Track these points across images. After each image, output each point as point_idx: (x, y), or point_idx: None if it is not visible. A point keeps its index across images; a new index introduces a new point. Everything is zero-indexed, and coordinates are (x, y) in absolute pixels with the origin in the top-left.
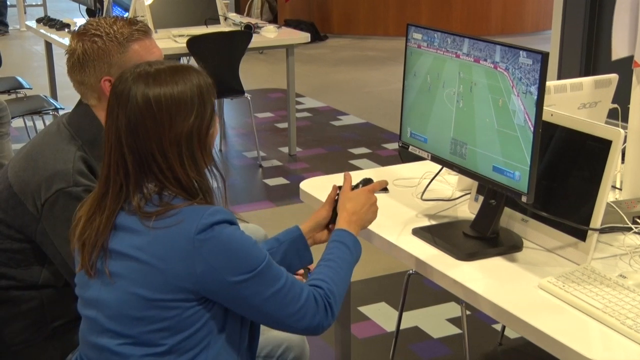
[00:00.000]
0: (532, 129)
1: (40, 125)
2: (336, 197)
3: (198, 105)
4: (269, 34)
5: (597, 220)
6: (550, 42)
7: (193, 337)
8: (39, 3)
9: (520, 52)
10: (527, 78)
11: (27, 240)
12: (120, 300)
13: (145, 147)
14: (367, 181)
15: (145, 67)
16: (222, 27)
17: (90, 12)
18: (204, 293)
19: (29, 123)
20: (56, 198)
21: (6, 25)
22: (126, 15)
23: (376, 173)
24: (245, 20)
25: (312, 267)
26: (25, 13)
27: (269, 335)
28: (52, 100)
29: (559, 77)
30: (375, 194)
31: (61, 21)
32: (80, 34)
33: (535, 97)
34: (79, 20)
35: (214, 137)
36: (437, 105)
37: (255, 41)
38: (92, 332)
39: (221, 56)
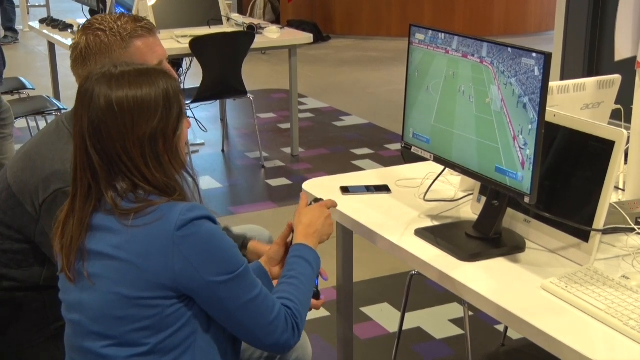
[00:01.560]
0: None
1: (43, 125)
2: (290, 238)
3: (163, 108)
4: (271, 34)
5: (600, 221)
6: (554, 42)
7: (175, 335)
8: (42, 4)
9: (523, 52)
10: (509, 71)
11: (26, 241)
12: (102, 301)
13: (110, 148)
14: (318, 200)
15: (110, 68)
16: (225, 28)
17: (93, 13)
18: (183, 290)
19: (32, 124)
20: (54, 198)
21: (16, 32)
22: None
23: (379, 174)
24: (248, 20)
25: None
26: (28, 14)
27: None
28: (55, 101)
29: (562, 78)
30: (378, 195)
31: (64, 22)
32: (84, 28)
33: (525, 97)
34: (82, 20)
35: (183, 140)
36: (438, 104)
37: (258, 42)
38: (77, 336)
39: (224, 57)
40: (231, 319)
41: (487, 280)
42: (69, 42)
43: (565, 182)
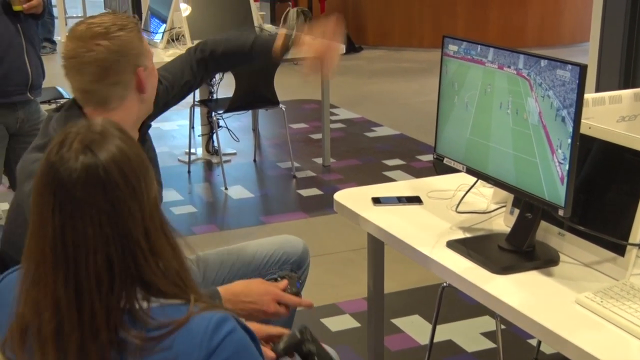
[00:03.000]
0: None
1: None
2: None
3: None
4: None
5: (636, 235)
6: (589, 54)
7: None
8: (79, 15)
9: (558, 64)
10: (547, 83)
11: None
12: None
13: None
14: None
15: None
16: None
17: None
18: None
19: None
20: None
21: (54, 42)
22: (163, 26)
23: (410, 185)
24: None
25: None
26: (66, 25)
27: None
28: None
29: (597, 90)
30: (410, 206)
31: None
32: (91, 38)
33: (563, 110)
34: None
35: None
36: (473, 115)
37: (291, 52)
38: None
39: (257, 67)
40: None
41: (520, 293)
42: None
43: (600, 195)
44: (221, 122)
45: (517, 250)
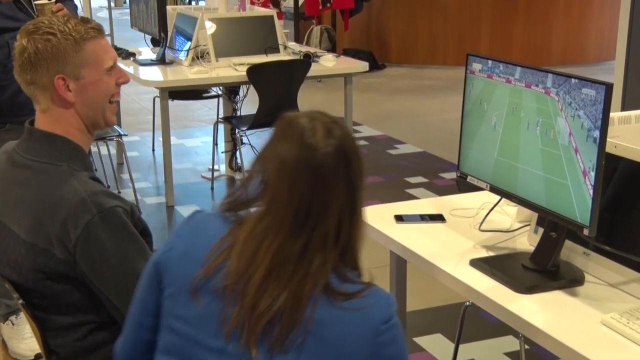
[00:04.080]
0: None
1: (104, 150)
2: None
3: None
4: (327, 62)
5: None
6: (614, 72)
7: None
8: (106, 33)
9: (583, 83)
10: (577, 103)
11: (75, 286)
12: None
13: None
14: None
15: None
16: (282, 56)
17: (155, 42)
18: None
19: (94, 149)
20: (87, 234)
21: None
22: (188, 44)
23: (433, 203)
24: (305, 49)
25: None
26: None
27: None
28: (116, 127)
29: (623, 109)
30: (433, 224)
31: (127, 50)
32: (30, 33)
33: (595, 131)
34: (144, 49)
35: None
36: (500, 134)
37: (314, 70)
38: None
39: (280, 84)
40: None
41: (544, 313)
42: (131, 70)
43: (626, 215)
44: (244, 139)
45: (542, 270)
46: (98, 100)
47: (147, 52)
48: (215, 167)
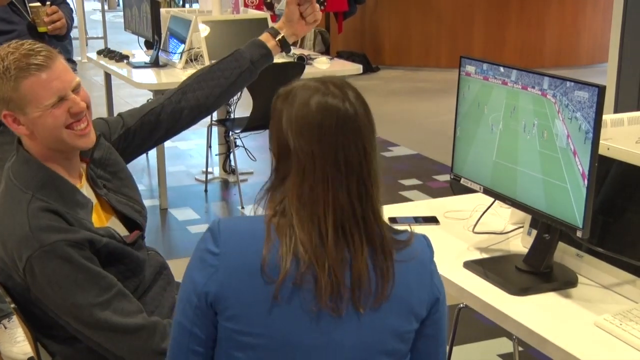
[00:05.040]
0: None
1: None
2: None
3: None
4: (321, 65)
5: None
6: (607, 75)
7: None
8: (99, 36)
9: (576, 85)
10: (574, 105)
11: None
12: (372, 339)
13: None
14: None
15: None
16: (276, 59)
17: (149, 44)
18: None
19: None
20: (30, 267)
21: (74, 62)
22: (182, 47)
23: (427, 205)
24: (298, 51)
25: None
26: (86, 45)
27: None
28: None
29: (616, 111)
30: (426, 226)
31: (120, 53)
32: None
33: (591, 131)
34: (138, 51)
35: None
36: (490, 135)
37: (308, 72)
38: None
39: (274, 87)
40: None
41: (537, 315)
42: (124, 72)
43: (619, 217)
44: (238, 142)
45: (535, 272)
46: (50, 132)
47: (140, 55)
48: (209, 169)
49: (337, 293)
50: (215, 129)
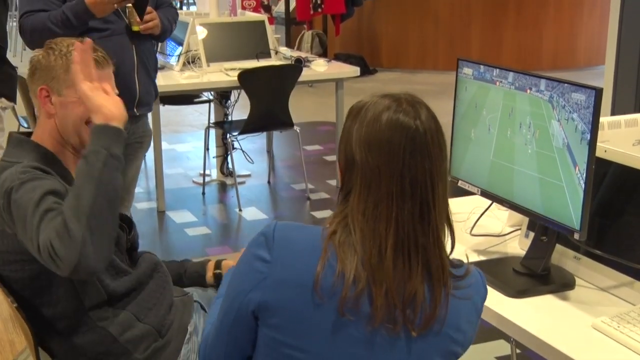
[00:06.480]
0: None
1: None
2: None
3: None
4: (318, 67)
5: None
6: (604, 77)
7: None
8: None
9: (573, 87)
10: (570, 106)
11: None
12: None
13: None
14: None
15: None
16: (273, 61)
17: None
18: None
19: None
20: (7, 198)
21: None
22: (179, 49)
23: None
24: (296, 54)
25: None
26: None
27: None
28: None
29: (613, 113)
30: None
31: None
32: (47, 44)
33: (589, 134)
34: None
35: None
36: (488, 137)
37: (305, 74)
38: None
39: (271, 89)
40: None
41: (535, 317)
42: None
43: (616, 219)
44: (236, 144)
45: (532, 274)
46: (73, 119)
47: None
48: (207, 172)
49: (392, 313)
50: (212, 131)
